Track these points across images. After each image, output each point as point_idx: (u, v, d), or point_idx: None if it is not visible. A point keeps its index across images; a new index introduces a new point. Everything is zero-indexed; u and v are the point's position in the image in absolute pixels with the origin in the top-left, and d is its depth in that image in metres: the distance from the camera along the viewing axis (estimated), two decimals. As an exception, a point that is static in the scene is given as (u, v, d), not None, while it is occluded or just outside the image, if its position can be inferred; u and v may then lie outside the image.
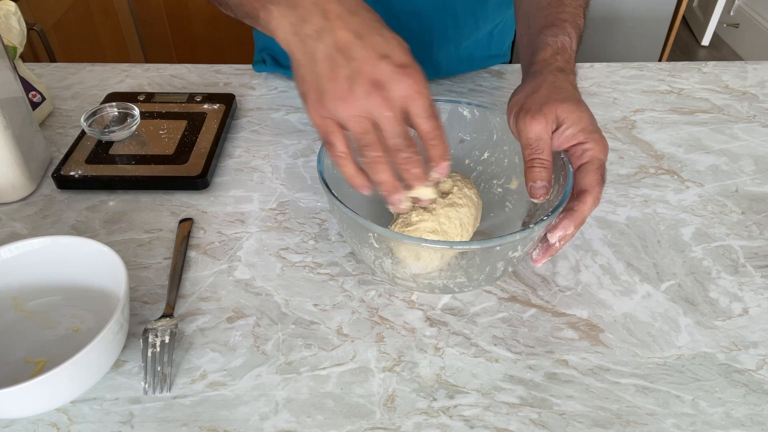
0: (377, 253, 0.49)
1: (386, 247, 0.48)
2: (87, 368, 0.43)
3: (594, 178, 0.49)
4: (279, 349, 0.51)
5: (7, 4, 0.76)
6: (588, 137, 0.49)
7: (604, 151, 0.50)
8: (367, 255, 0.51)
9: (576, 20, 0.58)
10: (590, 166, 0.49)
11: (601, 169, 0.49)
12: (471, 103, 0.60)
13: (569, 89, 0.52)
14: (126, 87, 0.86)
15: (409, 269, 0.50)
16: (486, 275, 0.50)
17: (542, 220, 0.46)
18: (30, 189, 0.66)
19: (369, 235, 0.47)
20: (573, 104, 0.50)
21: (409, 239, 0.45)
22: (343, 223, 0.50)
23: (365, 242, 0.49)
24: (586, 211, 0.48)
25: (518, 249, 0.48)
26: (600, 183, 0.49)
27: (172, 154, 0.69)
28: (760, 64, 0.93)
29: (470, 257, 0.49)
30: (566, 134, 0.50)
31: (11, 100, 0.63)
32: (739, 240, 0.61)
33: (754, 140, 0.76)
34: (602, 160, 0.50)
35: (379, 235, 0.46)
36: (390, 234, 0.45)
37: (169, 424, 0.45)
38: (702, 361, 0.50)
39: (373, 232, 0.46)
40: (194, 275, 0.57)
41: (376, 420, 0.46)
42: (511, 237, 0.45)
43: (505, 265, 0.50)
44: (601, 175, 0.49)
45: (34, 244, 0.51)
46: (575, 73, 0.55)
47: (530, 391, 0.48)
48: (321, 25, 0.42)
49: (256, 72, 0.89)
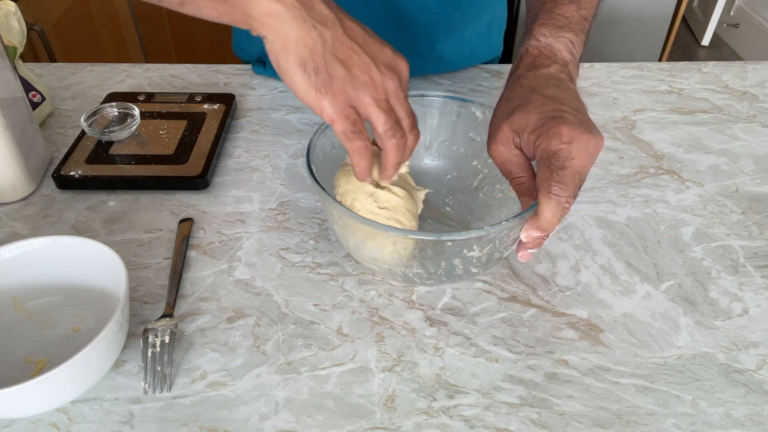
0: (343, 231, 0.51)
1: (346, 226, 0.49)
2: (87, 368, 0.43)
3: (541, 174, 0.45)
4: (279, 349, 0.51)
5: (7, 4, 0.76)
6: (536, 134, 0.47)
7: (552, 140, 0.45)
8: (338, 234, 0.53)
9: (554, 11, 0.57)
10: (538, 164, 0.46)
11: (549, 161, 0.45)
12: (484, 104, 0.60)
13: (521, 95, 0.51)
14: (126, 87, 0.86)
15: (366, 251, 0.50)
16: (444, 271, 0.50)
17: (499, 223, 0.45)
18: (30, 189, 0.66)
19: (333, 212, 0.49)
20: (519, 112, 0.49)
21: (357, 218, 0.46)
22: (321, 203, 0.53)
23: (333, 220, 0.51)
24: (544, 210, 0.45)
25: (474, 249, 0.47)
26: (549, 177, 0.44)
27: (172, 154, 0.69)
28: (760, 64, 0.93)
29: (422, 248, 0.49)
30: (524, 144, 0.49)
31: (11, 100, 0.63)
32: (739, 240, 0.61)
33: (754, 140, 0.76)
34: (551, 151, 0.45)
35: (339, 213, 0.48)
36: (345, 212, 0.47)
37: (169, 424, 0.45)
38: (702, 361, 0.50)
39: (335, 209, 0.48)
40: (194, 275, 0.57)
41: (376, 420, 0.46)
42: (460, 234, 0.45)
43: (463, 264, 0.49)
44: (548, 168, 0.45)
45: (34, 244, 0.51)
46: (557, 62, 0.53)
47: (530, 391, 0.48)
48: (326, 13, 0.43)
49: (256, 73, 0.89)
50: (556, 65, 0.53)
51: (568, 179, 0.44)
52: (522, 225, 0.47)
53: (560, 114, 0.47)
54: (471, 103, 0.60)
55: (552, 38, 0.55)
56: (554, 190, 0.44)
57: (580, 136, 0.45)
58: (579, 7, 0.57)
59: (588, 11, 0.58)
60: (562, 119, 0.46)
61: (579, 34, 0.56)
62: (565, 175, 0.44)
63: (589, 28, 0.58)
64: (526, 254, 0.49)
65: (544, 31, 0.55)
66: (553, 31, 0.55)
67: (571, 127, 0.45)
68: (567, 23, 0.56)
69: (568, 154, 0.45)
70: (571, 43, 0.55)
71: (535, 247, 0.48)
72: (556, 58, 0.54)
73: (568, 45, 0.55)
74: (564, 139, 0.45)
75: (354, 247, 0.52)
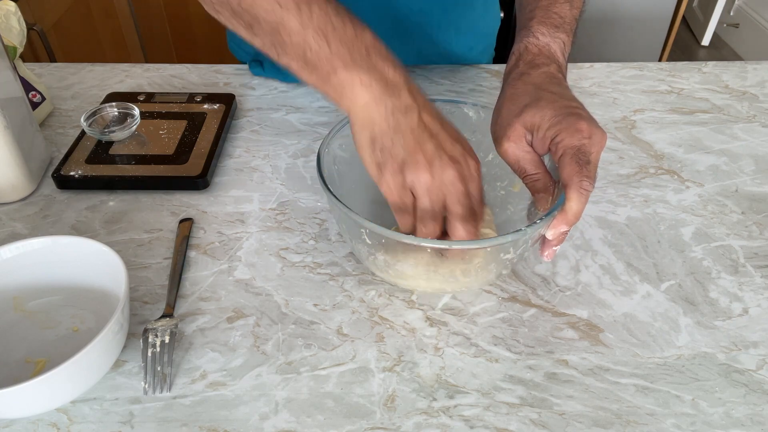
0: (370, 249, 0.50)
1: (378, 243, 0.49)
2: (87, 368, 0.43)
3: (570, 169, 0.47)
4: (279, 349, 0.51)
5: (7, 4, 0.76)
6: (556, 131, 0.48)
7: (575, 135, 0.47)
8: (361, 251, 0.52)
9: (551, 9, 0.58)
10: (564, 159, 0.47)
11: (577, 156, 0.47)
12: (477, 104, 0.60)
13: (528, 92, 0.52)
14: (126, 87, 0.86)
15: (400, 266, 0.50)
16: (476, 275, 0.51)
17: (534, 224, 0.47)
18: (30, 189, 0.66)
19: (361, 231, 0.49)
20: (531, 108, 0.50)
21: (393, 234, 0.46)
22: (340, 220, 0.52)
23: (358, 238, 0.50)
24: (574, 205, 0.46)
25: (510, 251, 0.49)
26: (579, 172, 0.46)
27: (172, 154, 0.69)
28: (760, 64, 0.93)
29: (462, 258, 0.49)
30: (537, 140, 0.50)
31: (11, 100, 0.63)
32: (739, 240, 0.61)
33: (754, 140, 0.76)
34: (575, 146, 0.47)
35: (371, 232, 0.48)
36: (379, 230, 0.47)
37: (169, 424, 0.45)
38: (702, 361, 0.50)
39: (365, 228, 0.48)
40: (194, 275, 0.57)
41: (376, 420, 0.46)
42: (503, 239, 0.46)
43: (497, 267, 0.50)
44: (577, 163, 0.46)
45: (34, 244, 0.51)
46: (554, 62, 0.54)
47: (530, 391, 0.48)
48: (409, 103, 0.46)
49: (254, 74, 0.89)
50: (554, 65, 0.54)
51: (593, 173, 0.47)
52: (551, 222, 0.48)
53: (575, 111, 0.49)
54: (464, 104, 0.61)
55: (549, 38, 0.56)
56: (584, 185, 0.46)
57: (595, 131, 0.48)
58: (572, 6, 0.59)
59: (577, 11, 0.60)
60: (579, 116, 0.48)
61: (569, 35, 0.58)
62: (591, 170, 0.47)
63: (576, 28, 0.60)
64: (551, 252, 0.50)
65: (543, 29, 0.56)
66: (551, 31, 0.56)
67: (588, 123, 0.48)
68: (562, 23, 0.57)
69: (590, 149, 0.47)
70: (563, 45, 0.57)
71: (559, 244, 0.50)
72: (554, 59, 0.55)
73: (562, 47, 0.56)
74: (585, 134, 0.47)
75: (383, 263, 0.51)
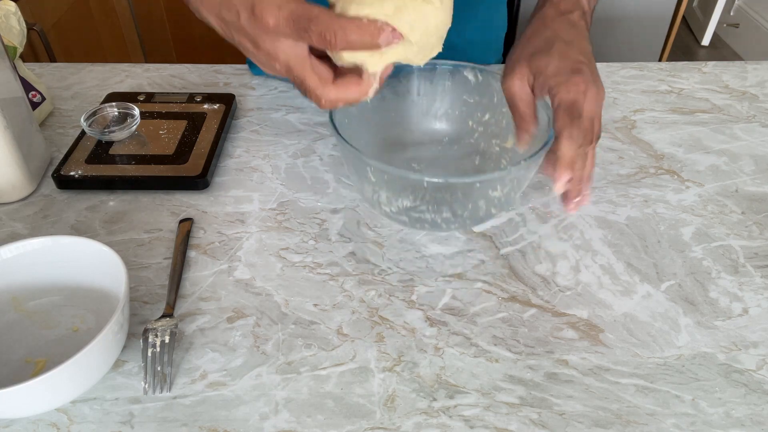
0: (374, 186, 0.54)
1: (381, 180, 0.53)
2: (87, 368, 0.43)
3: (562, 122, 0.50)
4: (279, 349, 0.51)
5: (7, 4, 0.76)
6: (555, 81, 0.51)
7: (571, 89, 0.51)
8: (366, 191, 0.56)
9: None
10: (558, 111, 0.51)
11: (570, 109, 0.50)
12: (475, 66, 0.64)
13: (545, 37, 0.55)
14: (126, 87, 0.86)
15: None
16: (470, 213, 0.56)
17: (519, 163, 0.52)
18: (30, 189, 0.66)
19: (366, 169, 0.53)
20: (541, 54, 0.53)
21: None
22: (348, 162, 0.57)
23: (364, 177, 0.54)
24: (565, 150, 0.50)
25: (497, 189, 0.54)
26: (569, 124, 0.50)
27: (172, 154, 0.69)
28: (760, 64, 0.93)
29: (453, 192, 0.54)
30: (538, 84, 0.53)
31: (11, 100, 0.63)
32: (739, 240, 0.61)
33: (754, 140, 0.76)
34: (571, 100, 0.51)
35: (375, 168, 0.51)
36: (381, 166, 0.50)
37: (169, 424, 0.45)
38: (702, 361, 0.50)
39: (369, 165, 0.52)
40: (194, 275, 0.57)
41: (376, 420, 0.46)
42: (489, 175, 0.52)
43: (486, 205, 0.55)
44: (569, 116, 0.50)
45: (34, 244, 0.51)
46: (579, 8, 0.57)
47: (530, 391, 0.48)
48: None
49: (254, 74, 0.89)
50: (578, 12, 0.58)
51: (585, 125, 0.50)
52: (538, 163, 0.52)
53: (578, 65, 0.53)
54: (463, 68, 0.64)
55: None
56: (574, 134, 0.50)
57: (591, 87, 0.51)
58: None
59: None
60: (580, 71, 0.52)
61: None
62: (582, 122, 0.50)
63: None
64: (572, 205, 0.53)
65: None
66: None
67: (586, 79, 0.51)
68: None
69: (582, 104, 0.51)
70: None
71: (576, 197, 0.52)
72: (579, 4, 0.58)
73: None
74: (581, 89, 0.51)
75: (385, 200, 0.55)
